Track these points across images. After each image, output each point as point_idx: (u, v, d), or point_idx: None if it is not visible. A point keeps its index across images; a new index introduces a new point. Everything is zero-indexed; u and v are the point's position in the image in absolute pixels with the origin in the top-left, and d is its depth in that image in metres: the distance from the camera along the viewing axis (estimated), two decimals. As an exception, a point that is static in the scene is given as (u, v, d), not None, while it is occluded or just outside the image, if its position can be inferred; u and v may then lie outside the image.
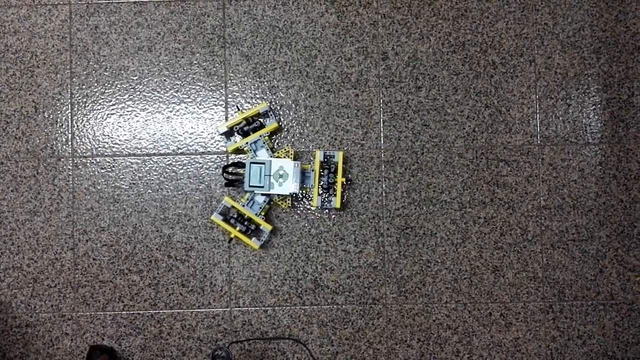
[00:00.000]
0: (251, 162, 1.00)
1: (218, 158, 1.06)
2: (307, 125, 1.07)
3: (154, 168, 1.06)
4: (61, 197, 1.06)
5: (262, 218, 1.02)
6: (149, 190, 1.06)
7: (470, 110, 1.07)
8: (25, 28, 1.07)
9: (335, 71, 1.07)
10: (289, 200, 1.03)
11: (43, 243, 1.06)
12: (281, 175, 1.00)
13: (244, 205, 1.01)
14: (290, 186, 1.00)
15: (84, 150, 1.07)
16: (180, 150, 1.07)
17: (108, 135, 1.07)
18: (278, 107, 1.07)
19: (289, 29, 1.07)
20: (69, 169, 1.06)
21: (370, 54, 1.07)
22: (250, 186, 1.00)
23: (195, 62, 1.07)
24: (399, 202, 1.06)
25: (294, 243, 1.06)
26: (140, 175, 1.06)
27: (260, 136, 1.02)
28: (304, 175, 1.03)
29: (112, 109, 1.07)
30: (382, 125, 1.07)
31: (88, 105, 1.07)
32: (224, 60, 1.07)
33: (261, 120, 1.03)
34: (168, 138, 1.07)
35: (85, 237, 1.06)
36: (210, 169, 1.06)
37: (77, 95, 1.07)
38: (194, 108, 1.07)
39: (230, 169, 1.04)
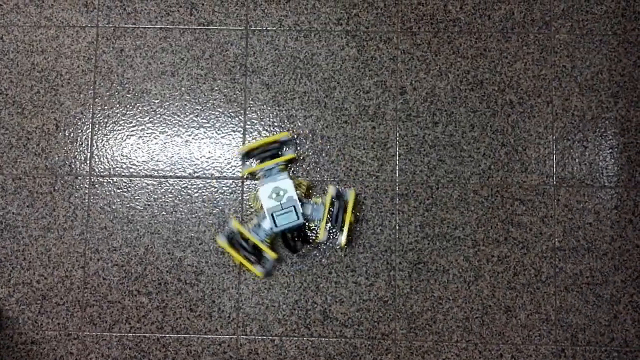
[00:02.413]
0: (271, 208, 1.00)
1: (233, 183, 1.07)
2: (323, 154, 1.07)
3: (169, 190, 1.07)
4: (76, 215, 1.07)
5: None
6: (163, 212, 1.06)
7: (487, 147, 1.07)
8: (52, 48, 1.10)
9: (353, 103, 1.08)
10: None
11: (54, 260, 1.06)
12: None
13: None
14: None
15: (101, 170, 1.08)
16: (196, 174, 1.07)
17: (126, 156, 1.08)
18: (295, 136, 1.08)
19: (309, 61, 1.09)
20: (85, 187, 1.07)
21: (388, 87, 1.08)
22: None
23: (216, 88, 1.09)
24: (412, 236, 1.06)
25: (304, 272, 1.05)
26: (156, 196, 1.07)
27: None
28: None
29: (132, 131, 1.09)
30: (397, 158, 1.07)
31: (109, 126, 1.09)
32: (245, 87, 1.09)
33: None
34: (185, 161, 1.08)
35: (96, 256, 1.06)
36: (225, 193, 1.07)
37: (99, 115, 1.09)
38: (213, 133, 1.08)
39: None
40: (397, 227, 1.06)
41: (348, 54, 1.09)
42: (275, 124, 1.08)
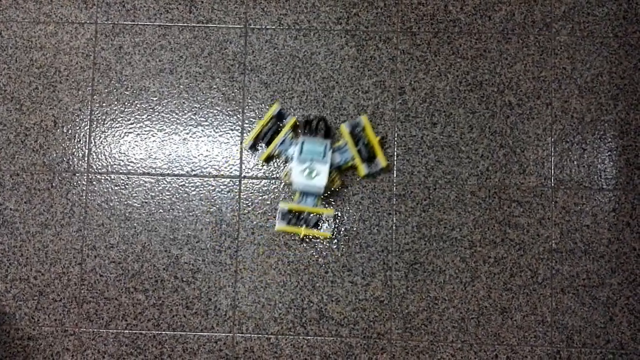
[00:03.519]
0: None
1: (231, 182, 1.07)
2: (321, 154, 1.07)
3: (166, 188, 1.07)
4: (73, 212, 1.07)
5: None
6: (160, 210, 1.07)
7: (485, 149, 1.07)
8: (51, 44, 1.10)
9: (351, 103, 1.08)
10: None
11: (52, 256, 1.06)
12: (310, 172, 1.00)
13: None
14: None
15: (99, 167, 1.08)
16: (194, 172, 1.07)
17: (124, 153, 1.08)
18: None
19: (308, 60, 1.09)
20: (83, 184, 1.07)
21: (387, 87, 1.08)
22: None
23: (214, 86, 1.09)
24: (408, 237, 1.06)
25: (300, 271, 1.05)
26: (153, 194, 1.07)
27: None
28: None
29: (130, 128, 1.09)
30: (395, 158, 1.07)
31: (107, 123, 1.09)
32: (243, 86, 1.09)
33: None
34: (183, 159, 1.08)
35: (94, 252, 1.06)
36: (223, 192, 1.07)
37: (97, 112, 1.09)
38: (211, 131, 1.08)
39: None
40: (394, 227, 1.06)
41: (347, 54, 1.09)
42: (274, 122, 1.08)
